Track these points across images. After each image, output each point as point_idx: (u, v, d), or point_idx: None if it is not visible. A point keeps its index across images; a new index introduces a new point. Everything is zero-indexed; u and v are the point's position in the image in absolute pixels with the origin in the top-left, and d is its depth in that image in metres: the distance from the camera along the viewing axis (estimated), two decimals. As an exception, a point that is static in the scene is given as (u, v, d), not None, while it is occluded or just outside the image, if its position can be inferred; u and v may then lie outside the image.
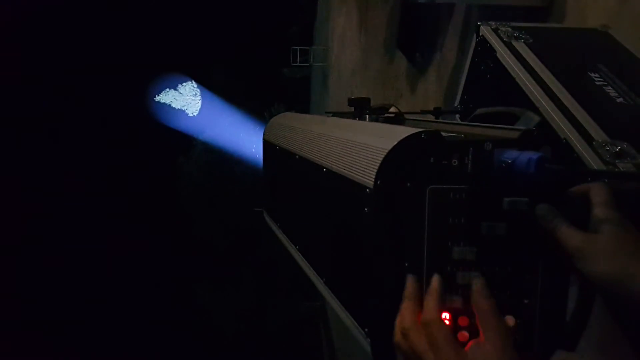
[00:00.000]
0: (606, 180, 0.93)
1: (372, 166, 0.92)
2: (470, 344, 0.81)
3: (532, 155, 0.84)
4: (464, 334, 0.83)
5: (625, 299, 0.75)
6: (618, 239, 0.78)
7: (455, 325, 0.85)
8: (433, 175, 0.89)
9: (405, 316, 0.85)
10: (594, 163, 1.28)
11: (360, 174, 0.97)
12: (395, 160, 0.89)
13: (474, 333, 0.82)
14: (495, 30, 1.90)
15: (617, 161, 1.27)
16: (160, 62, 31.44)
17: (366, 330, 0.98)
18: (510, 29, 1.89)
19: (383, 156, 0.90)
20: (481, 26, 1.94)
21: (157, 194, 29.03)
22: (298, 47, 21.76)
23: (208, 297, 23.02)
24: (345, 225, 1.11)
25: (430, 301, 0.85)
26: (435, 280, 0.87)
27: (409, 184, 0.89)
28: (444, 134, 0.91)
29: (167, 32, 31.25)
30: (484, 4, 3.78)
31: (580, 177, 0.93)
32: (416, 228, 0.89)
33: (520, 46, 1.81)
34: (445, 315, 0.85)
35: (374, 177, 0.90)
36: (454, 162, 0.89)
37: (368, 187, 0.92)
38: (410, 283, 0.88)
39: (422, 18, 6.09)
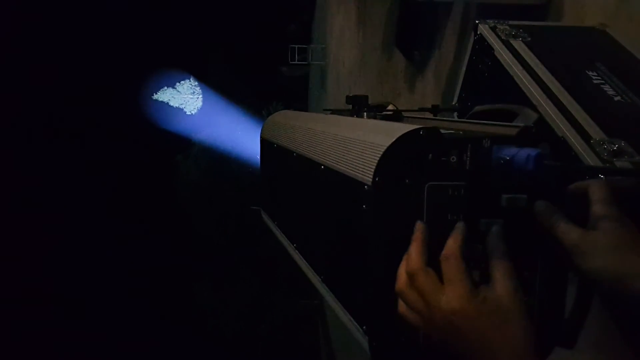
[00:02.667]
0: (605, 177, 0.93)
1: (371, 163, 0.92)
2: (481, 286, 0.81)
3: (531, 151, 0.84)
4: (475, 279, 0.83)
5: (623, 296, 0.75)
6: (616, 235, 0.78)
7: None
8: (431, 171, 0.89)
9: (412, 259, 0.85)
10: (592, 161, 1.29)
11: (359, 171, 0.97)
12: (394, 157, 0.89)
13: (484, 280, 0.82)
14: (494, 29, 1.90)
15: (614, 159, 1.27)
16: (157, 60, 31.41)
17: (364, 327, 0.98)
18: (508, 28, 1.89)
19: (381, 153, 0.90)
20: (479, 24, 1.94)
21: (155, 192, 29.02)
22: (296, 46, 21.75)
23: (206, 295, 23.03)
24: (344, 223, 1.11)
25: (454, 239, 0.85)
26: (460, 225, 0.87)
27: (407, 181, 0.89)
28: (442, 130, 0.91)
29: (165, 29, 31.24)
30: (482, 3, 3.78)
31: (579, 173, 0.93)
32: (415, 225, 0.89)
33: (518, 44, 1.81)
34: None
35: (372, 174, 0.90)
36: (453, 158, 0.89)
37: (366, 184, 0.92)
38: (418, 227, 0.88)
39: (420, 16, 6.09)
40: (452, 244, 0.84)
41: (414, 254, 0.85)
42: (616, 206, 0.81)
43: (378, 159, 0.90)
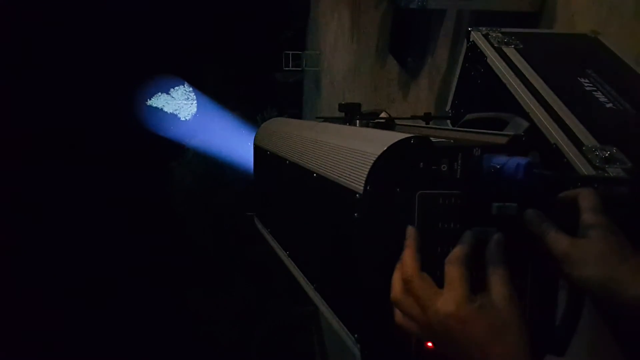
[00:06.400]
0: (595, 186, 0.94)
1: (362, 171, 0.92)
2: (479, 293, 0.81)
3: (521, 160, 0.84)
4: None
5: (612, 304, 0.75)
6: (605, 244, 0.78)
7: None
8: (422, 180, 0.89)
9: (407, 264, 0.85)
10: (584, 168, 1.29)
11: (350, 179, 0.97)
12: (385, 166, 0.89)
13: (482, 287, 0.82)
14: (486, 36, 1.90)
15: (606, 166, 1.28)
16: (151, 66, 31.38)
17: (356, 336, 0.98)
18: (500, 35, 1.90)
19: (372, 161, 0.90)
20: (472, 32, 1.95)
21: (149, 198, 28.95)
22: (290, 52, 21.76)
23: (199, 301, 22.95)
24: (335, 231, 1.11)
25: (461, 246, 0.85)
26: (468, 234, 0.87)
27: (398, 189, 0.89)
28: (433, 139, 0.91)
29: (158, 35, 31.22)
30: (475, 10, 3.79)
31: (569, 182, 0.94)
32: (406, 232, 0.89)
33: (510, 52, 1.81)
34: None
35: (363, 182, 0.90)
36: (443, 167, 0.90)
37: (358, 193, 0.92)
38: (410, 233, 0.88)
39: (413, 23, 6.11)
40: (459, 251, 0.84)
41: (408, 260, 0.85)
42: (605, 215, 0.82)
43: (369, 167, 0.90)
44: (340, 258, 1.08)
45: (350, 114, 1.79)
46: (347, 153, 1.06)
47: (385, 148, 0.89)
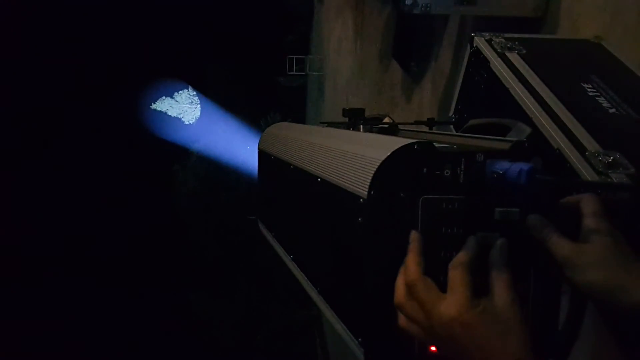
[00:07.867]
0: (598, 191, 0.94)
1: (366, 176, 0.93)
2: (482, 297, 0.81)
3: (523, 166, 0.85)
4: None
5: (614, 309, 0.76)
6: (607, 249, 0.79)
7: None
8: (426, 185, 0.90)
9: (410, 269, 0.85)
10: (587, 173, 1.29)
11: (354, 184, 0.98)
12: (389, 171, 0.90)
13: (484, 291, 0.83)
14: (489, 41, 1.91)
15: (609, 171, 1.27)
16: (155, 70, 31.44)
17: (359, 339, 0.98)
18: (503, 40, 1.90)
19: (377, 167, 0.91)
20: (475, 37, 1.95)
21: (153, 202, 28.96)
22: (294, 56, 21.77)
23: (203, 305, 22.94)
24: (339, 235, 1.11)
25: (465, 251, 0.86)
26: (472, 239, 0.88)
27: (402, 194, 0.90)
28: (436, 144, 0.92)
29: (163, 40, 31.30)
30: (478, 15, 3.80)
31: (571, 188, 0.94)
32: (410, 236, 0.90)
33: (513, 57, 1.81)
34: None
35: (367, 187, 0.91)
36: (447, 172, 0.90)
37: (362, 197, 0.93)
38: (414, 237, 0.88)
39: (417, 28, 6.12)
40: (463, 256, 0.85)
41: (412, 264, 0.85)
42: (607, 220, 0.82)
43: (373, 172, 0.91)
44: (344, 262, 1.08)
45: (354, 119, 1.80)
46: (351, 158, 1.07)
47: (389, 153, 0.90)
